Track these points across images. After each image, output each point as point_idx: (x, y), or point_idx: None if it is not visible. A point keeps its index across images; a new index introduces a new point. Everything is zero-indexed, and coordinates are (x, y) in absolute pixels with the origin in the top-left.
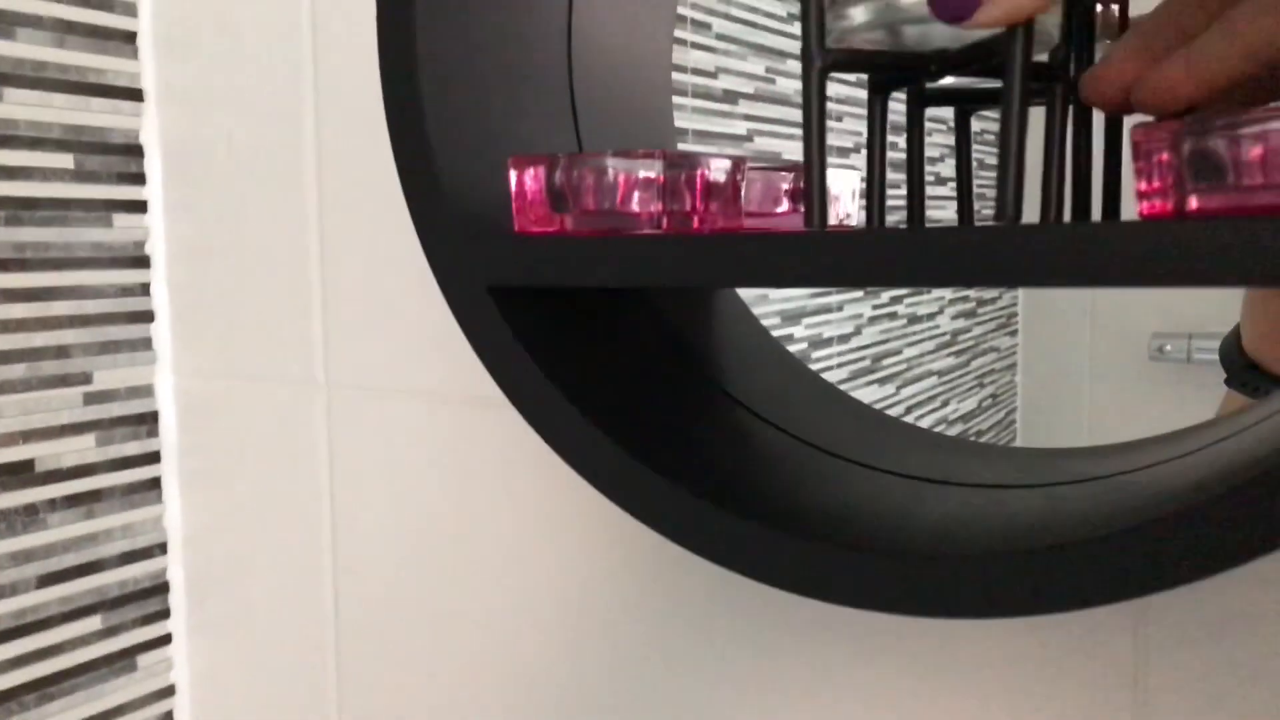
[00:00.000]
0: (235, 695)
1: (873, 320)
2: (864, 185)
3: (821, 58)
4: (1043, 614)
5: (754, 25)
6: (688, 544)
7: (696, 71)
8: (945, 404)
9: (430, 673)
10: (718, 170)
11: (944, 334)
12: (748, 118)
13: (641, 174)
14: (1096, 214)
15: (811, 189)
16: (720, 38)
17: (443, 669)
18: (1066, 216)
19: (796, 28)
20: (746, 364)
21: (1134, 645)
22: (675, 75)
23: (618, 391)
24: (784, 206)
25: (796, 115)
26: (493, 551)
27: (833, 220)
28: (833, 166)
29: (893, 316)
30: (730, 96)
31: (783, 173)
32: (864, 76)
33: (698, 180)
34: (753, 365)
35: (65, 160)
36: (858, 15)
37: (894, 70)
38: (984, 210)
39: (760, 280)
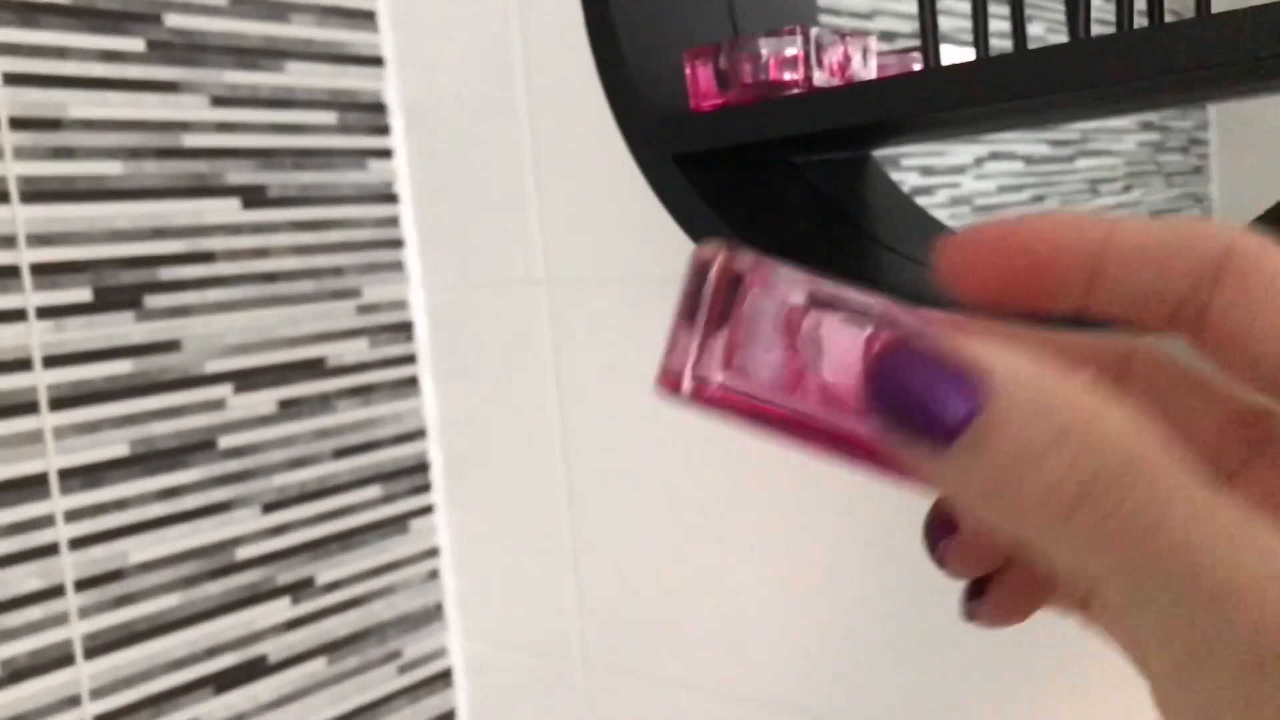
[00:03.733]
0: (488, 555)
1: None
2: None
3: None
4: None
5: None
6: None
7: None
8: None
9: (656, 536)
10: (847, 43)
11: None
12: None
13: (787, 52)
14: None
15: (926, 37)
16: None
17: (667, 533)
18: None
19: None
20: (890, 217)
21: None
22: None
23: (788, 236)
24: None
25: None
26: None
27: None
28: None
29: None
30: None
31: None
32: None
33: (830, 51)
34: (894, 217)
35: (331, 117)
36: None
37: None
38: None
39: (875, 113)
